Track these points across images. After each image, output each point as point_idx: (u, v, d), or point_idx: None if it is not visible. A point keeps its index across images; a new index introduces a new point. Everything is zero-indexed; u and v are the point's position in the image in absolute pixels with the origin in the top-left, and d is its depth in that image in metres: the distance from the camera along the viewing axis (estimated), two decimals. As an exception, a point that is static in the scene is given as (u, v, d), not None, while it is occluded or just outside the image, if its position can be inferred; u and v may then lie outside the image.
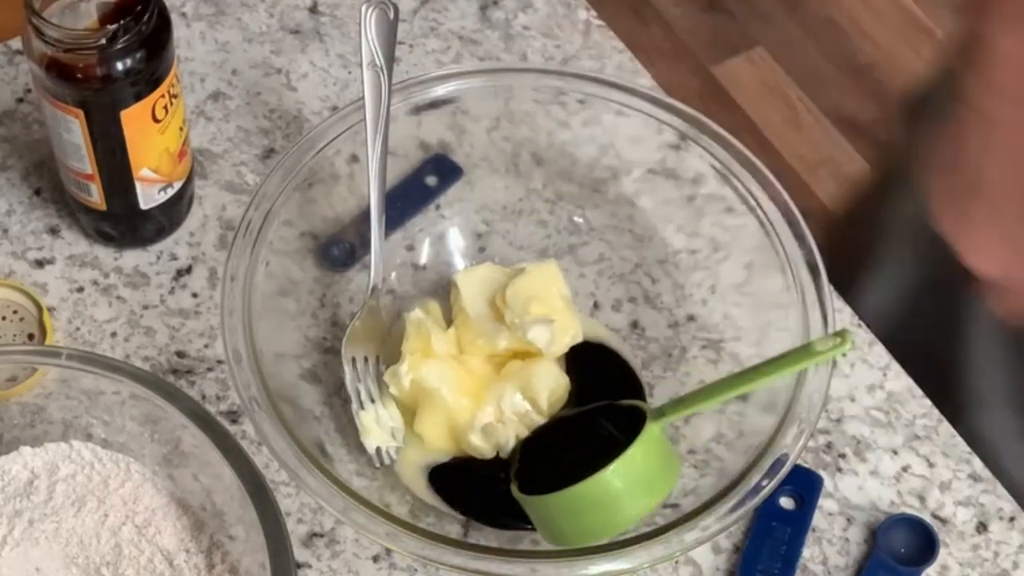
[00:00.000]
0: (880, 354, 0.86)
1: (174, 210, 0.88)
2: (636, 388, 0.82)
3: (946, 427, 0.84)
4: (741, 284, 0.81)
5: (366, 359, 0.81)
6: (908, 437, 0.83)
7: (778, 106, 1.91)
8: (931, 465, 0.82)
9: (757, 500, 0.70)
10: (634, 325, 0.84)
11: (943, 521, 0.81)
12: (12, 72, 0.96)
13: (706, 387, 0.74)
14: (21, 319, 0.84)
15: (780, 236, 0.78)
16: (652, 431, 0.72)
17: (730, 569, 0.79)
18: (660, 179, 0.84)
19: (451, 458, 0.79)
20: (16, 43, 0.96)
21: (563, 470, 0.73)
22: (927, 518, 0.80)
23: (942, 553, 0.79)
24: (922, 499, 0.81)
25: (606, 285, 0.86)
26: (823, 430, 0.83)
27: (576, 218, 0.87)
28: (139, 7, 0.76)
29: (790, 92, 1.92)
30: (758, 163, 0.80)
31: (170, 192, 0.86)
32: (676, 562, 0.78)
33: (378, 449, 0.78)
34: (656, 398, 0.81)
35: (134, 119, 0.80)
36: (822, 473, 0.81)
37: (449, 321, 0.82)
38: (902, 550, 0.79)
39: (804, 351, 0.71)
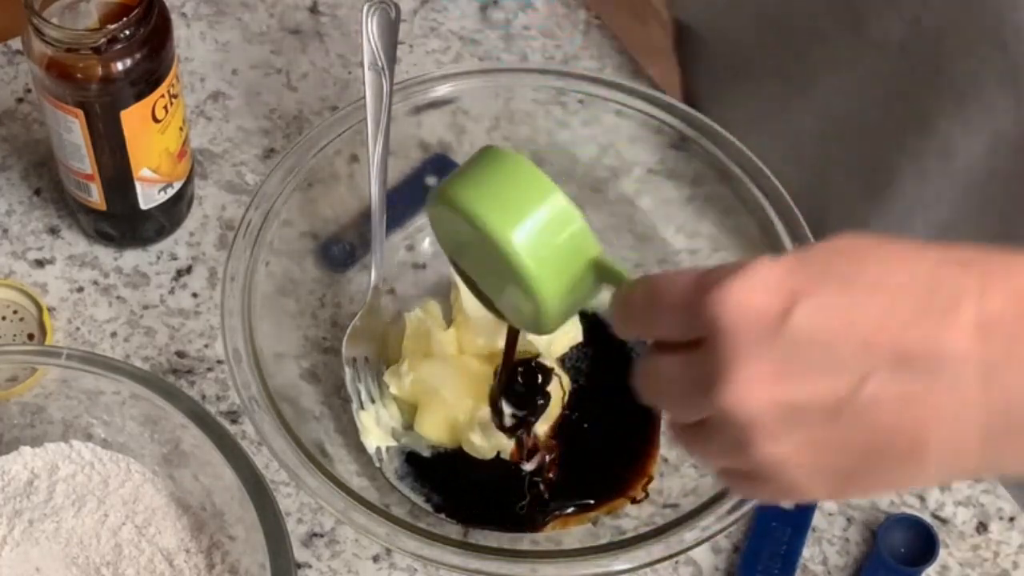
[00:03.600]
0: (880, 354, 0.86)
1: (174, 210, 0.88)
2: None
3: (946, 427, 0.84)
4: (741, 284, 0.81)
5: (366, 359, 0.81)
6: (908, 437, 0.83)
7: (778, 106, 1.91)
8: (931, 465, 0.82)
9: (757, 500, 0.70)
10: (634, 325, 0.84)
11: (943, 521, 0.81)
12: (12, 72, 0.96)
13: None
14: (21, 319, 0.84)
15: (780, 236, 0.78)
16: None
17: (730, 569, 0.79)
18: (660, 179, 0.84)
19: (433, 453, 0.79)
20: (16, 43, 0.96)
21: None
22: (927, 518, 0.80)
23: (942, 553, 0.79)
24: (922, 499, 0.81)
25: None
26: (823, 430, 0.83)
27: (576, 218, 0.86)
28: (139, 7, 0.76)
29: (790, 92, 1.92)
30: (758, 163, 0.80)
31: (170, 192, 0.86)
32: (676, 562, 0.78)
33: (378, 449, 0.78)
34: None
35: (134, 119, 0.80)
36: (822, 473, 0.81)
37: (449, 321, 0.82)
38: (902, 550, 0.79)
39: None
